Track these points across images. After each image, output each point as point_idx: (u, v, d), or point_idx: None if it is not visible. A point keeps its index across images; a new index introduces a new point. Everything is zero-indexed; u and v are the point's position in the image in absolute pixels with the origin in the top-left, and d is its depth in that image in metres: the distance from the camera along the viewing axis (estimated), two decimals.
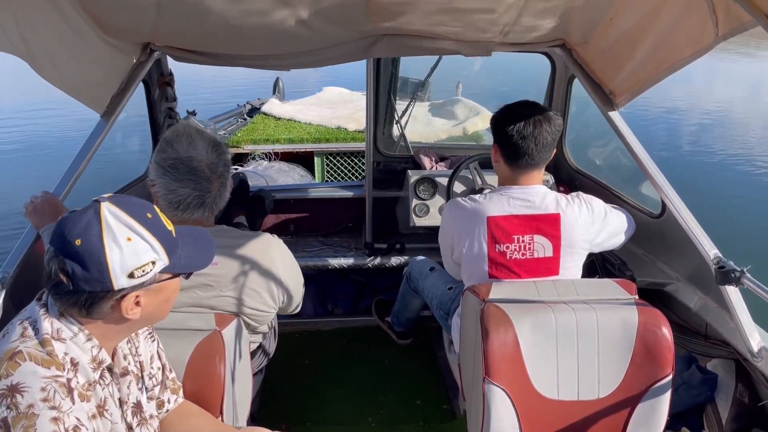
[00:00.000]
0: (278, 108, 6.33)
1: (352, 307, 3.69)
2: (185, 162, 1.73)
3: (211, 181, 1.76)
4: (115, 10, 2.04)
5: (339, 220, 3.74)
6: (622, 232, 2.22)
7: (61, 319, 1.20)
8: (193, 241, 1.34)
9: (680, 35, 1.94)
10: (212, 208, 1.81)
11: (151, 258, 1.19)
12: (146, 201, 1.28)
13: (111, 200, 1.19)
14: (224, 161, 1.81)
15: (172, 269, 1.25)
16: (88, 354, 1.22)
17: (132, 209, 1.19)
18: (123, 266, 1.15)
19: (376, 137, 3.60)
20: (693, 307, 2.36)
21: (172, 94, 3.21)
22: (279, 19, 2.02)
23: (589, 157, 4.00)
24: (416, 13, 2.07)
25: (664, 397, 1.80)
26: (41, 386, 1.09)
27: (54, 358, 1.15)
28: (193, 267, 1.32)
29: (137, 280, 1.18)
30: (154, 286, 1.23)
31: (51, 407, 1.08)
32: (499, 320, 1.76)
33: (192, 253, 1.31)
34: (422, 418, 2.84)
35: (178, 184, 1.73)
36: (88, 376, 1.20)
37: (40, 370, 1.12)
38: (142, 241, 1.17)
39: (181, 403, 1.58)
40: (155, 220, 1.22)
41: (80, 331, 1.21)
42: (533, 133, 2.03)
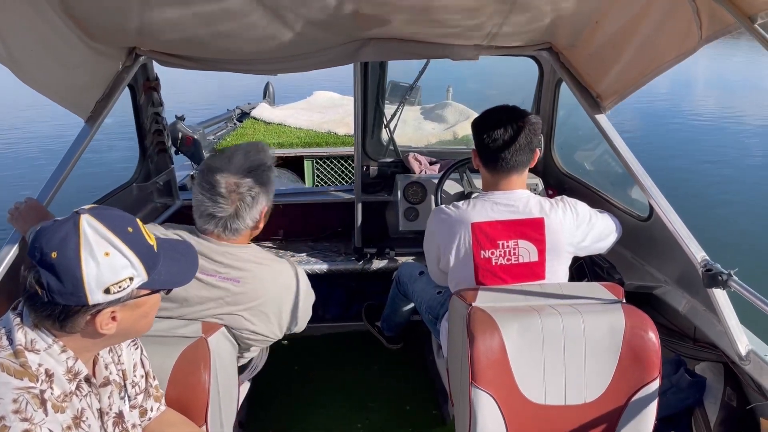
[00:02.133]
0: (268, 112, 6.31)
1: (341, 312, 3.67)
2: (212, 172, 1.77)
3: (227, 198, 1.76)
4: (98, 15, 2.03)
5: (328, 224, 3.73)
6: (609, 236, 2.22)
7: (35, 330, 1.18)
8: (177, 256, 1.32)
9: (665, 38, 1.94)
10: (227, 226, 1.80)
11: (129, 274, 1.17)
12: (128, 214, 1.26)
13: (91, 212, 1.17)
14: (252, 185, 1.79)
15: (151, 285, 1.23)
16: (63, 365, 1.20)
17: (112, 223, 1.17)
18: (99, 282, 1.13)
19: (365, 142, 3.59)
20: (681, 310, 2.36)
21: (159, 99, 3.19)
22: (265, 23, 2.01)
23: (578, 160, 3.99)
24: (402, 17, 2.07)
25: (652, 400, 1.80)
26: (13, 398, 1.07)
27: (27, 369, 1.13)
28: (173, 283, 1.30)
29: (113, 295, 1.16)
30: (131, 302, 1.21)
31: (23, 419, 1.06)
32: (486, 325, 1.75)
33: (173, 269, 1.29)
34: (411, 424, 2.82)
35: (199, 189, 1.79)
36: (63, 387, 1.18)
37: (13, 381, 1.10)
38: (120, 257, 1.15)
39: (164, 411, 1.56)
40: (136, 234, 1.20)
41: (54, 343, 1.19)
42: (504, 136, 2.04)
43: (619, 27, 2.08)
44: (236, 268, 1.82)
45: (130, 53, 2.46)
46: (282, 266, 1.94)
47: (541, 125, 2.13)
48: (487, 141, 2.07)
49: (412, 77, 4.25)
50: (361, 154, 3.34)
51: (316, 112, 6.48)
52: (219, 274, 1.80)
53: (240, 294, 1.81)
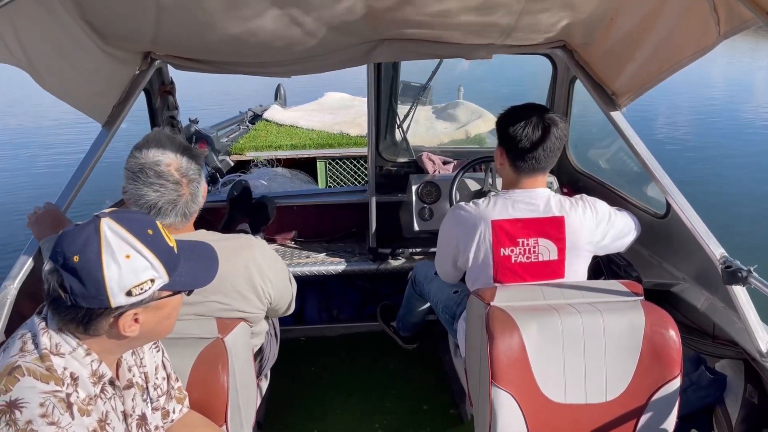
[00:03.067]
0: (280, 114, 6.33)
1: (356, 313, 3.68)
2: (152, 166, 1.71)
3: (180, 184, 1.74)
4: (114, 21, 2.05)
5: (342, 225, 3.73)
6: (628, 234, 2.21)
7: (60, 334, 1.19)
8: (195, 257, 1.33)
9: (682, 35, 1.93)
10: (184, 213, 1.78)
11: (150, 276, 1.18)
12: (147, 216, 1.27)
13: (112, 216, 1.18)
14: (196, 166, 1.79)
15: (173, 287, 1.24)
16: (87, 368, 1.21)
17: (132, 225, 1.18)
18: (121, 284, 1.14)
19: (378, 142, 3.60)
20: (700, 308, 2.34)
21: (174, 103, 3.21)
22: (279, 26, 2.02)
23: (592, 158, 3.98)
24: (415, 17, 2.07)
25: (673, 398, 1.79)
26: (40, 402, 1.09)
27: (53, 373, 1.14)
28: (195, 284, 1.31)
29: (135, 298, 1.17)
30: (153, 304, 1.22)
31: (50, 423, 1.07)
32: (505, 324, 1.75)
33: (194, 269, 1.30)
34: (429, 424, 2.82)
35: (147, 189, 1.70)
36: (88, 390, 1.20)
37: (39, 385, 1.11)
38: (141, 259, 1.16)
39: (186, 414, 1.57)
40: (156, 236, 1.21)
41: (79, 346, 1.20)
42: (541, 138, 2.01)
43: (634, 24, 2.07)
44: None
45: (146, 58, 2.48)
46: (237, 241, 1.91)
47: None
48: (517, 140, 2.04)
49: (421, 77, 4.26)
50: (374, 154, 3.35)
51: (327, 113, 6.49)
52: None
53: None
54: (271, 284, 1.94)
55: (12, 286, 2.01)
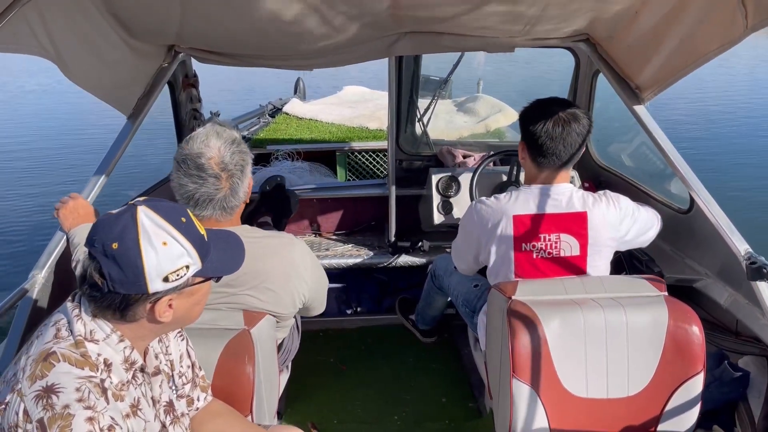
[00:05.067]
0: (300, 108, 6.34)
1: (375, 306, 3.69)
2: (194, 158, 1.73)
3: (220, 179, 1.75)
4: (140, 14, 2.07)
5: (362, 218, 3.75)
6: (650, 228, 2.19)
7: (94, 320, 1.21)
8: (224, 245, 1.35)
9: (708, 28, 1.91)
10: (223, 206, 1.79)
11: (186, 262, 1.20)
12: (179, 205, 1.30)
13: (147, 204, 1.20)
14: (238, 161, 1.78)
15: (205, 273, 1.27)
16: (120, 355, 1.23)
17: (167, 214, 1.21)
18: (159, 270, 1.17)
19: (399, 136, 3.60)
20: (723, 304, 2.32)
21: (197, 96, 3.24)
22: (302, 19, 2.03)
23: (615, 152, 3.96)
24: (439, 10, 2.07)
25: (696, 394, 1.78)
26: (76, 386, 1.11)
27: (87, 359, 1.16)
28: (225, 271, 1.34)
29: (172, 284, 1.19)
30: (187, 290, 1.25)
31: (86, 407, 1.09)
32: (527, 318, 1.75)
33: (223, 257, 1.33)
34: (448, 417, 2.83)
35: (187, 179, 1.74)
36: (121, 376, 1.22)
37: (75, 370, 1.13)
38: (177, 246, 1.19)
39: (210, 402, 1.59)
40: (189, 224, 1.24)
41: (113, 333, 1.22)
42: (562, 134, 2.00)
43: (659, 17, 2.05)
44: None
45: (170, 51, 2.51)
46: (279, 240, 1.93)
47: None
48: (537, 135, 2.03)
49: (440, 72, 4.25)
50: (395, 147, 3.35)
51: (346, 107, 6.48)
52: None
53: (242, 275, 1.77)
54: (307, 286, 1.96)
55: (40, 275, 2.05)
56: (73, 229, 2.00)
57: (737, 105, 12.87)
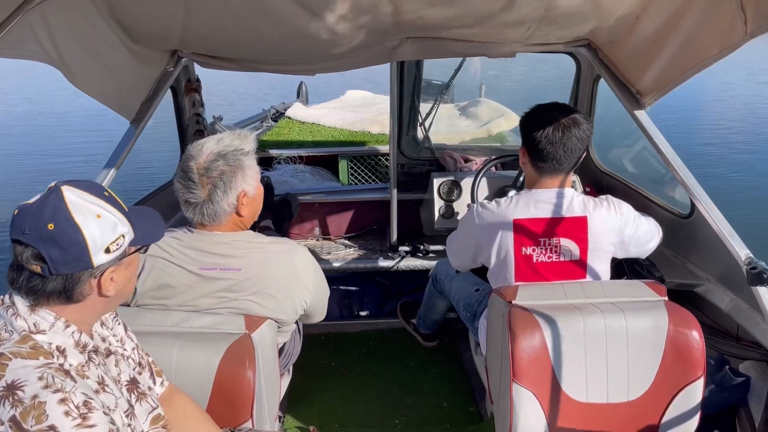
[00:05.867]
0: (302, 112, 6.34)
1: (377, 310, 3.70)
2: (185, 160, 1.78)
3: (198, 185, 1.76)
4: (143, 19, 2.08)
5: (364, 222, 3.75)
6: (651, 240, 2.18)
7: (34, 314, 1.19)
8: (143, 217, 1.35)
9: (708, 33, 1.91)
10: (204, 212, 1.79)
11: (121, 231, 1.22)
12: (96, 182, 1.31)
13: (68, 183, 1.20)
14: (223, 171, 1.77)
15: (137, 242, 1.29)
16: (70, 339, 1.22)
17: (91, 189, 1.22)
18: (101, 242, 1.18)
19: (401, 140, 3.61)
20: (724, 309, 2.32)
21: (200, 100, 3.26)
22: (304, 24, 2.04)
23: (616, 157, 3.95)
24: (440, 16, 2.08)
25: (696, 399, 1.78)
26: (38, 376, 1.09)
27: (39, 350, 1.15)
28: (153, 238, 1.36)
29: (113, 254, 1.21)
30: (125, 260, 1.27)
31: (55, 390, 1.07)
32: (527, 323, 1.76)
33: (147, 226, 1.34)
34: (449, 421, 2.83)
35: (177, 182, 1.81)
36: (78, 358, 1.21)
37: (30, 362, 1.11)
38: (111, 216, 1.21)
39: (182, 401, 1.57)
40: (111, 197, 1.25)
41: (56, 320, 1.21)
42: (562, 138, 2.01)
43: (660, 22, 2.05)
44: (234, 257, 1.83)
45: (173, 56, 2.52)
46: (282, 246, 1.93)
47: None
48: (540, 140, 2.03)
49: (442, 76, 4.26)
50: (396, 151, 3.36)
51: (349, 111, 6.48)
52: (219, 266, 1.81)
53: (244, 281, 1.82)
54: (309, 293, 1.96)
55: None
56: None
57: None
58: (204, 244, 1.82)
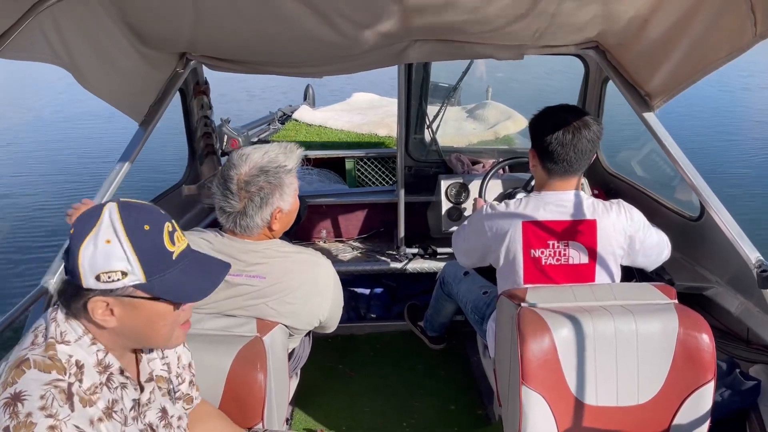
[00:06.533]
0: (309, 115, 6.37)
1: (384, 312, 3.69)
2: (227, 169, 1.80)
3: (235, 195, 1.78)
4: (153, 22, 2.10)
5: (371, 225, 3.76)
6: (660, 253, 2.17)
7: (67, 322, 1.20)
8: (197, 273, 1.26)
9: (717, 35, 1.91)
10: (236, 222, 1.82)
11: (122, 268, 1.14)
12: (163, 214, 1.24)
13: (119, 203, 1.19)
14: (262, 187, 1.79)
15: (149, 290, 1.18)
16: (93, 357, 1.21)
17: (131, 216, 1.17)
18: (91, 266, 1.13)
19: (408, 142, 3.61)
20: (734, 312, 2.31)
21: (208, 103, 3.27)
22: (312, 26, 2.05)
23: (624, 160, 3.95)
24: (449, 19, 2.08)
25: (706, 402, 1.77)
26: (40, 394, 1.09)
27: (55, 362, 1.14)
28: (178, 297, 1.22)
29: (104, 284, 1.14)
30: (128, 300, 1.18)
31: (47, 415, 1.07)
32: (536, 325, 1.75)
33: (188, 283, 1.23)
34: (456, 424, 2.83)
35: (215, 188, 1.83)
36: (93, 379, 1.19)
37: (42, 376, 1.12)
38: (119, 249, 1.14)
39: (200, 403, 1.58)
40: (150, 234, 1.18)
41: (84, 335, 1.20)
42: (572, 140, 2.00)
43: (669, 25, 2.05)
44: (261, 264, 1.85)
45: (181, 58, 2.54)
46: (307, 257, 1.95)
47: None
48: (550, 142, 2.03)
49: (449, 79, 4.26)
50: (404, 154, 3.36)
51: (356, 113, 6.51)
52: (244, 273, 1.82)
53: (266, 288, 1.83)
54: (327, 307, 1.98)
55: (52, 281, 2.07)
56: None
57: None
58: (233, 250, 1.83)
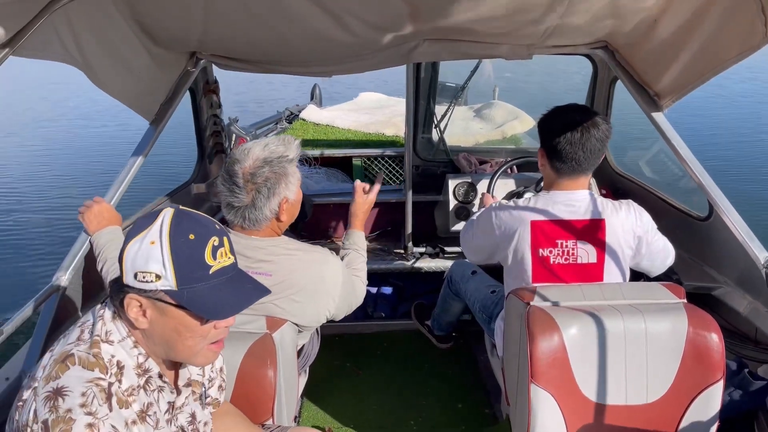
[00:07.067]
0: (316, 114, 6.38)
1: (391, 311, 3.70)
2: (231, 164, 1.81)
3: (242, 188, 1.79)
4: (164, 21, 2.11)
5: (378, 224, 3.76)
6: (665, 259, 2.17)
7: (113, 322, 1.23)
8: (230, 291, 1.26)
9: (727, 35, 1.91)
10: (245, 216, 1.83)
11: (157, 270, 1.17)
12: (216, 226, 1.26)
13: (176, 210, 1.23)
14: (268, 177, 1.80)
15: (177, 298, 1.19)
16: (134, 359, 1.24)
17: (180, 223, 1.20)
18: (133, 263, 1.18)
19: (415, 142, 3.62)
20: (742, 312, 2.31)
21: (217, 102, 3.29)
22: (322, 26, 2.05)
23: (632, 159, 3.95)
24: (457, 18, 2.08)
25: (715, 402, 1.77)
26: (82, 391, 1.11)
27: (99, 360, 1.18)
28: (205, 311, 1.22)
29: (140, 284, 1.18)
30: (159, 304, 1.20)
31: (87, 413, 1.10)
32: (545, 323, 1.76)
33: (214, 298, 1.22)
34: (464, 423, 2.83)
35: (222, 185, 1.83)
36: (132, 380, 1.22)
37: (85, 373, 1.14)
38: (158, 251, 1.17)
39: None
40: (194, 243, 1.20)
41: (128, 337, 1.24)
42: (581, 140, 2.00)
43: (678, 25, 2.05)
44: (267, 262, 1.86)
45: (191, 57, 2.55)
46: (314, 255, 1.95)
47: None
48: (559, 141, 2.03)
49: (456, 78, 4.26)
50: (411, 153, 3.37)
51: (363, 113, 6.52)
52: (251, 269, 1.82)
53: (272, 285, 1.81)
54: (334, 304, 1.98)
55: (64, 277, 2.09)
56: (98, 232, 2.04)
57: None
58: (240, 247, 1.84)
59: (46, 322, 1.99)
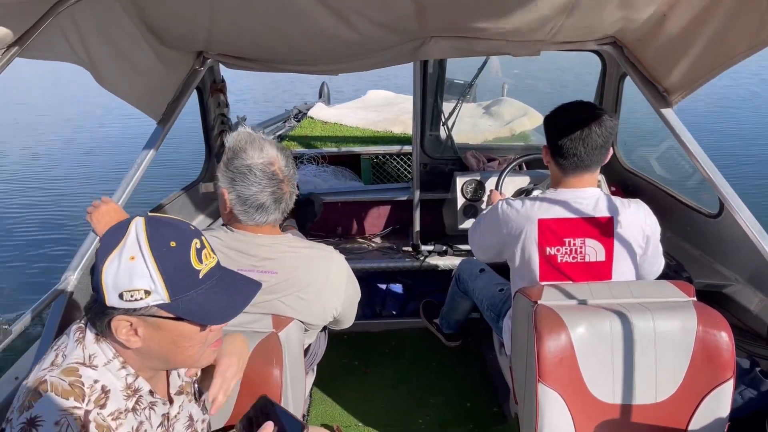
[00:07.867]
0: (324, 112, 6.39)
1: (400, 310, 3.70)
2: (260, 167, 1.76)
3: (284, 182, 1.79)
4: (170, 21, 2.11)
5: (386, 222, 3.76)
6: (660, 264, 2.16)
7: (97, 344, 1.17)
8: (224, 293, 1.20)
9: (737, 30, 1.89)
10: (285, 210, 1.84)
11: (146, 287, 1.10)
12: (192, 229, 1.19)
13: (147, 218, 1.15)
14: (292, 166, 1.84)
15: (173, 310, 1.13)
16: (122, 381, 1.18)
17: (158, 232, 1.12)
18: (115, 283, 1.10)
19: (423, 139, 3.61)
20: (753, 310, 2.29)
21: (225, 101, 3.29)
22: (328, 24, 2.05)
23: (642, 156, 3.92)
24: (464, 14, 2.07)
25: (725, 401, 1.75)
26: (55, 420, 1.06)
27: (74, 389, 1.10)
28: (202, 318, 1.16)
29: (127, 303, 1.10)
30: (152, 320, 1.14)
31: None
32: (553, 322, 1.75)
33: (211, 302, 1.17)
34: (472, 421, 2.83)
35: (256, 188, 1.76)
36: (118, 404, 1.16)
37: (59, 401, 1.08)
38: (142, 266, 1.09)
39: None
40: (176, 251, 1.13)
41: (115, 358, 1.18)
42: (581, 135, 1.99)
43: (688, 20, 2.03)
44: (272, 259, 1.85)
45: (198, 57, 2.55)
46: (318, 252, 1.94)
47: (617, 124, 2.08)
48: (563, 139, 2.03)
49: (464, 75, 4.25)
50: (419, 151, 3.36)
51: (371, 110, 6.51)
52: (256, 268, 1.82)
53: (278, 284, 1.83)
54: (340, 301, 1.97)
55: (72, 277, 2.10)
56: (100, 234, 2.04)
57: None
58: (244, 245, 1.84)
59: (55, 321, 2.00)
